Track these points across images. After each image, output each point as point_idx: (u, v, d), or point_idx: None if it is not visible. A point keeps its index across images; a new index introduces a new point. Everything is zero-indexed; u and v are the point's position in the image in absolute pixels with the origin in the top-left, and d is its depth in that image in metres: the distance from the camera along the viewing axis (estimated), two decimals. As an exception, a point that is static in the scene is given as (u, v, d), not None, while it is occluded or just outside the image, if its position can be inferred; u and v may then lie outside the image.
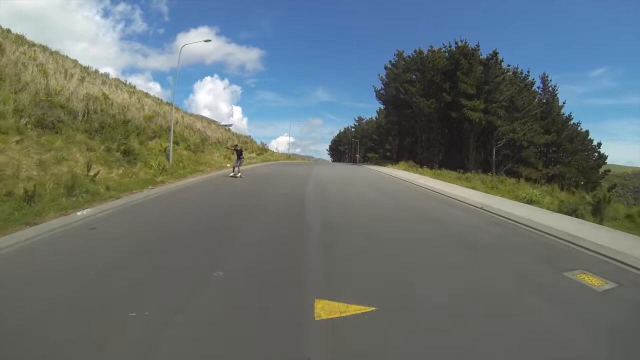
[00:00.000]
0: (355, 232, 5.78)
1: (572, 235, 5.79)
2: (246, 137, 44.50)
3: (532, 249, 5.38)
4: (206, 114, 46.63)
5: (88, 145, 11.22)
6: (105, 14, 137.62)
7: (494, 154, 27.83)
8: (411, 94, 28.29)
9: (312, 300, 3.13)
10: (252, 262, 4.14)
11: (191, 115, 35.86)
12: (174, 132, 16.58)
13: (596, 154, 38.25)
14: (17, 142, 9.36)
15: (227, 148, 22.40)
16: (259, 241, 5.05)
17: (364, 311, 2.97)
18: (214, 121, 42.73)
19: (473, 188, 11.54)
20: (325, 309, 2.96)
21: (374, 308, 3.03)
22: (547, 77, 37.22)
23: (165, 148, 14.29)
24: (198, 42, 24.47)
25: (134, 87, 29.43)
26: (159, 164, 11.97)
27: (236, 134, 41.90)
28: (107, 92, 18.32)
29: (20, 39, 20.38)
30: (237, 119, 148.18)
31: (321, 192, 10.60)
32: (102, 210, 6.56)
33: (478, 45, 28.35)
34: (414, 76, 30.31)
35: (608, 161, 39.60)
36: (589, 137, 38.71)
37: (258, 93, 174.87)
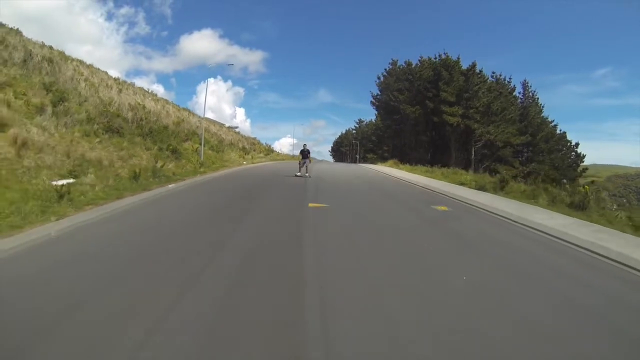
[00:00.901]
0: (330, 188, 10.22)
1: (455, 194, 9.88)
2: (253, 139, 48.55)
3: (427, 199, 9.48)
4: (210, 115, 50.35)
5: (145, 145, 15.23)
6: (109, 16, 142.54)
7: (473, 153, 31.57)
8: (399, 101, 32.25)
9: (308, 203, 7.35)
10: (282, 196, 8.30)
11: (200, 118, 39.90)
12: (198, 135, 20.63)
13: (573, 154, 41.87)
14: (99, 142, 13.37)
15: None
16: (282, 191, 9.38)
17: (324, 205, 7.19)
18: (221, 123, 46.79)
19: (431, 177, 15.42)
20: (311, 205, 7.14)
21: (328, 205, 7.19)
22: (527, 83, 41.07)
23: (197, 148, 18.31)
24: (223, 64, 28.46)
25: (156, 95, 33.62)
26: (196, 160, 15.96)
27: (245, 136, 45.99)
28: (139, 101, 22.48)
29: (62, 55, 24.53)
30: (241, 121, 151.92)
31: (319, 176, 14.56)
32: (180, 185, 10.53)
33: (459, 58, 32.28)
34: (402, 87, 34.23)
35: (612, 162, 43.48)
36: (566, 138, 42.38)
37: (261, 94, 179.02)
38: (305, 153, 15.01)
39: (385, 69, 40.03)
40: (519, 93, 41.94)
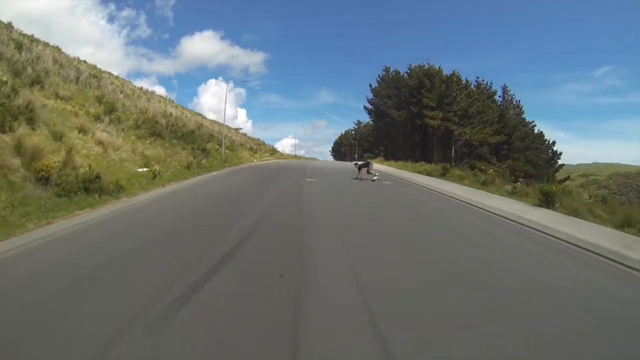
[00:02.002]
0: (321, 172, 14.58)
1: (404, 176, 14.44)
2: (257, 139, 53.06)
3: (382, 178, 13.72)
4: (211, 116, 54.38)
5: (182, 146, 19.69)
6: (111, 19, 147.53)
7: (454, 151, 35.89)
8: (388, 106, 36.68)
9: (305, 179, 12.15)
10: (290, 177, 12.91)
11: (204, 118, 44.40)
12: (215, 137, 25.12)
13: (550, 151, 46.06)
14: (149, 143, 17.85)
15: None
16: (289, 175, 13.83)
17: (315, 180, 11.92)
18: (228, 126, 51.21)
19: (400, 169, 19.84)
20: (308, 179, 11.70)
21: (317, 180, 11.80)
22: (507, 87, 45.30)
23: (217, 148, 22.77)
24: (242, 80, 32.98)
25: (173, 101, 38.26)
26: (220, 157, 20.40)
27: (251, 137, 50.51)
28: (164, 109, 27.05)
29: (94, 68, 29.09)
30: (242, 122, 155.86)
31: (315, 167, 19.03)
32: (220, 173, 15.09)
33: (440, 67, 36.69)
34: (391, 94, 38.67)
35: (615, 160, 48.27)
36: (543, 137, 46.61)
37: (262, 95, 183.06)
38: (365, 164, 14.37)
39: (379, 75, 44.52)
40: (500, 97, 46.38)
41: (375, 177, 13.71)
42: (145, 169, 12.80)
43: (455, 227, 6.62)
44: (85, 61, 30.05)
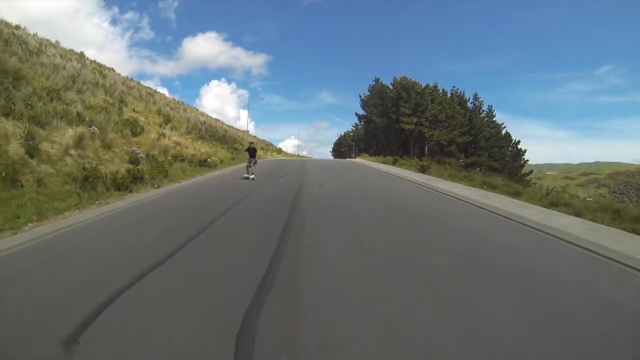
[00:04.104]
0: (315, 163, 22.73)
1: (370, 165, 22.64)
2: (265, 141, 61.53)
3: (355, 166, 22.12)
4: (214, 117, 62.26)
5: (220, 145, 28.14)
6: (114, 21, 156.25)
7: (427, 149, 44.15)
8: (373, 114, 45.04)
9: (306, 164, 20.19)
10: (296, 166, 21.03)
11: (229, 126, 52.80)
12: (237, 140, 33.60)
13: (512, 149, 54.28)
14: (201, 143, 26.37)
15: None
16: (297, 163, 22.15)
17: (312, 166, 19.92)
18: (246, 132, 59.67)
19: (373, 161, 28.13)
20: (307, 164, 19.83)
21: (312, 165, 20.01)
22: (477, 94, 53.59)
23: (241, 147, 31.16)
24: (257, 99, 41.69)
25: (197, 109, 46.79)
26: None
27: (260, 140, 59.04)
28: (197, 117, 35.50)
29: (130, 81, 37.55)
30: (244, 123, 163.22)
31: (312, 161, 27.39)
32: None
33: (417, 81, 45.05)
34: (376, 103, 47.07)
35: (617, 159, 56.19)
36: (510, 137, 54.82)
37: (264, 96, 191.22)
38: (252, 151, 13.73)
39: (370, 85, 52.88)
40: (472, 103, 54.73)
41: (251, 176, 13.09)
42: (209, 159, 21.20)
43: (373, 178, 15.00)
44: (148, 86, 38.33)
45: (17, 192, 6.46)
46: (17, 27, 22.73)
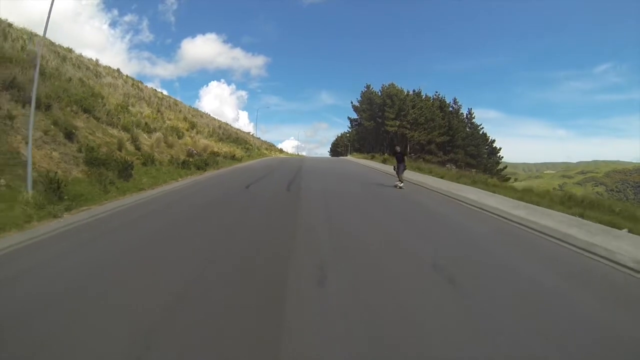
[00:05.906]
0: (312, 159, 29.53)
1: (354, 160, 29.47)
2: (268, 142, 68.14)
3: (341, 161, 28.90)
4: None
5: (235, 145, 34.88)
6: (113, 23, 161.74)
7: (409, 148, 50.93)
8: (363, 118, 51.84)
9: (305, 160, 26.90)
10: (296, 160, 27.83)
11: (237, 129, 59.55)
12: (246, 140, 40.42)
13: (488, 147, 61.07)
14: (221, 144, 33.16)
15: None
16: (297, 160, 28.84)
17: (310, 160, 26.77)
18: (254, 135, 66.30)
19: (359, 158, 34.87)
20: (307, 159, 26.64)
21: (310, 158, 26.85)
22: (456, 99, 60.44)
23: (251, 147, 37.89)
24: (262, 107, 48.59)
25: (209, 115, 53.44)
26: (255, 152, 35.55)
27: (264, 141, 65.71)
28: (214, 122, 42.23)
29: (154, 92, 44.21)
30: (244, 124, 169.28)
31: (310, 158, 34.11)
32: (265, 158, 30.18)
33: (401, 88, 51.85)
34: (365, 108, 53.94)
35: (616, 158, 61.80)
36: (486, 136, 61.56)
37: (263, 97, 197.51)
38: (399, 156, 11.96)
39: (362, 92, 59.78)
40: (452, 107, 61.68)
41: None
42: (236, 155, 27.91)
43: (346, 166, 21.74)
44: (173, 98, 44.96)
45: (150, 168, 13.13)
46: (69, 49, 28.65)
